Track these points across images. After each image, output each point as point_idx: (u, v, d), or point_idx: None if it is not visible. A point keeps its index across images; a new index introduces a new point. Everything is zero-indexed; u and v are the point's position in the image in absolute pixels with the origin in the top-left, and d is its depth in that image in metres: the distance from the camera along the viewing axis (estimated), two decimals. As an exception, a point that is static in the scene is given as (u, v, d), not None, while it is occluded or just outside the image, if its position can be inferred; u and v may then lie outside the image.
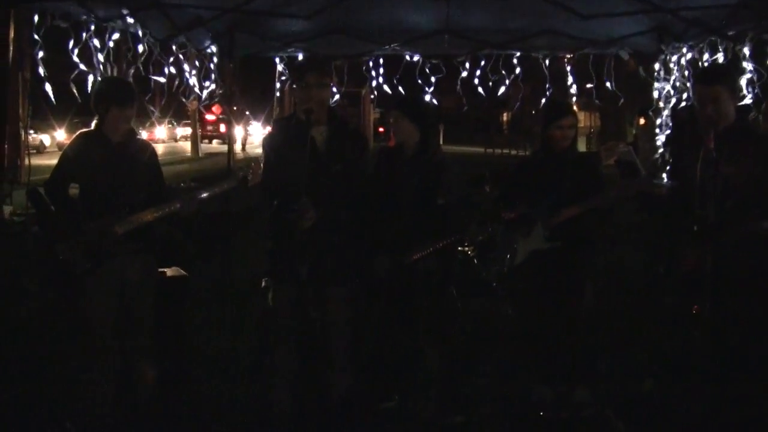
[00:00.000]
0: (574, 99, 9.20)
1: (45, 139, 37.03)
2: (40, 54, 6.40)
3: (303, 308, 5.18)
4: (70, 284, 5.07)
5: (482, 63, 8.99)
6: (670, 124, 8.29)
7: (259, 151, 5.64)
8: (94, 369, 5.14)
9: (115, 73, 6.92)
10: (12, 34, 5.92)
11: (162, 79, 7.75)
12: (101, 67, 6.73)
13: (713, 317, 4.59)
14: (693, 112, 7.83)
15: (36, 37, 6.30)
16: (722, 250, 4.54)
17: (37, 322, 6.18)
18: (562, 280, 5.56)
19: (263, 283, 6.05)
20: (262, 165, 5.09)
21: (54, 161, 5.27)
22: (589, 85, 9.31)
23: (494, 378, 6.22)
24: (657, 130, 8.70)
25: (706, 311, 4.59)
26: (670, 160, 5.85)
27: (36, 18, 6.22)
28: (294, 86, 5.26)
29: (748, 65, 6.99)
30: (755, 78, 6.98)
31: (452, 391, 5.54)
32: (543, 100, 8.77)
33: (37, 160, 6.48)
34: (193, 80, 8.23)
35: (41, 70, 6.47)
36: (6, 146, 6.64)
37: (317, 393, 5.53)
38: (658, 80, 8.49)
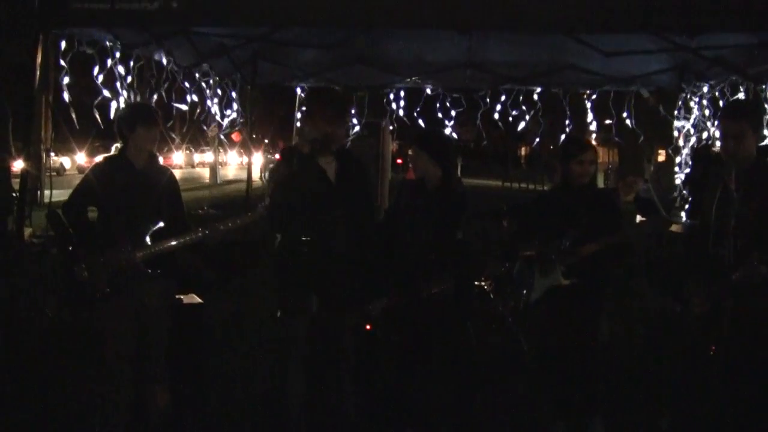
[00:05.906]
0: (594, 135, 9.21)
1: (65, 161, 37.14)
2: (66, 80, 6.47)
3: (315, 339, 5.13)
4: (87, 307, 5.09)
5: (503, 97, 9.02)
6: (690, 162, 8.29)
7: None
8: (109, 391, 5.14)
9: (138, 100, 7.00)
10: (39, 59, 5.98)
11: (184, 107, 7.82)
12: (124, 92, 6.81)
13: (730, 357, 4.55)
14: (712, 150, 7.87)
15: (62, 62, 6.37)
16: (738, 290, 4.51)
17: (53, 343, 6.19)
18: (578, 316, 5.53)
19: (279, 313, 6.03)
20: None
21: (74, 184, 5.29)
22: (608, 121, 9.31)
23: (509, 413, 6.18)
24: (676, 168, 8.70)
25: (723, 351, 4.56)
26: (689, 199, 5.83)
27: (63, 44, 6.30)
28: (304, 116, 5.16)
29: (768, 105, 6.98)
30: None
31: (466, 426, 5.49)
32: (562, 135, 8.80)
33: (56, 183, 6.53)
34: (214, 108, 8.30)
35: (65, 95, 6.54)
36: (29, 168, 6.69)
37: (328, 420, 5.48)
38: (678, 118, 8.50)
